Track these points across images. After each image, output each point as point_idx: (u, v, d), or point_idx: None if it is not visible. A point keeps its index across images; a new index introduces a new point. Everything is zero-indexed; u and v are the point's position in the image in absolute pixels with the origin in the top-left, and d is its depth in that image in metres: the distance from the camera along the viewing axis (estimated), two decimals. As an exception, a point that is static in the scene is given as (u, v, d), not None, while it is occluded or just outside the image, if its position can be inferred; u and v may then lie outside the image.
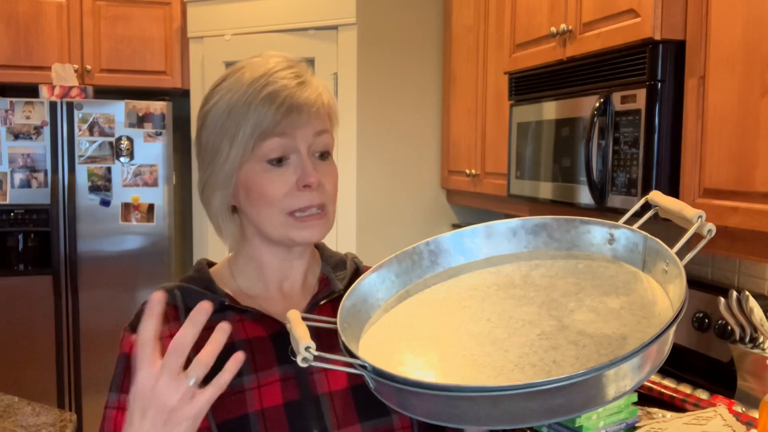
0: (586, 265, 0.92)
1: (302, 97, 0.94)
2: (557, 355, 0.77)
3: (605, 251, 0.93)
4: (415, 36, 3.31)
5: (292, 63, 0.98)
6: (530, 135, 2.22)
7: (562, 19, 1.99)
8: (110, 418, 0.92)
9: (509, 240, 0.99)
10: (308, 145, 0.95)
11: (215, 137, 0.97)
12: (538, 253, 0.97)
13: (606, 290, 0.86)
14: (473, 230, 1.00)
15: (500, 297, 0.90)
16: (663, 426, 1.59)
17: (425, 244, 0.99)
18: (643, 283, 0.87)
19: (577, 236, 0.95)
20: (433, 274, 0.99)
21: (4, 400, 1.95)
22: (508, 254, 0.99)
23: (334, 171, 1.00)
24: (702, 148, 1.56)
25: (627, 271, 0.89)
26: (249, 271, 1.03)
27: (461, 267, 0.99)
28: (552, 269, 0.93)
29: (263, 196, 0.95)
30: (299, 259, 1.03)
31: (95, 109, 3.49)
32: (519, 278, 0.93)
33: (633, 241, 0.90)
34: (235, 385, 0.92)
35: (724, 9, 1.49)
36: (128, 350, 0.94)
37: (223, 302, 0.97)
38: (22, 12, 3.60)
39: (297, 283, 1.03)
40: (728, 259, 1.99)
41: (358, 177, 3.26)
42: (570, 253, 0.95)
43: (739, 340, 1.76)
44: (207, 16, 3.56)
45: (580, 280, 0.89)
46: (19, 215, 3.45)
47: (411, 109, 3.34)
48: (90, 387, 3.54)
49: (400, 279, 0.97)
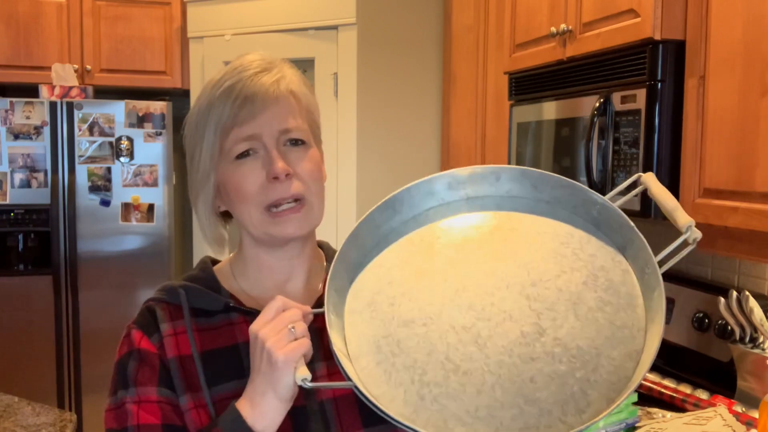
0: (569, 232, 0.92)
1: (257, 85, 0.92)
2: (534, 369, 0.82)
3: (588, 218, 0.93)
4: (415, 36, 3.30)
5: (265, 58, 0.96)
6: (530, 135, 2.22)
7: (562, 19, 1.99)
8: (131, 413, 0.91)
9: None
10: (273, 134, 0.93)
11: (190, 142, 0.98)
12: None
13: (586, 278, 0.87)
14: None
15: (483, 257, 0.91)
16: (663, 426, 1.59)
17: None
18: (627, 285, 0.88)
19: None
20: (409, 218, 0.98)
21: (4, 400, 1.95)
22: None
23: (311, 157, 0.96)
24: (702, 148, 1.56)
25: (608, 254, 0.90)
26: (250, 273, 1.02)
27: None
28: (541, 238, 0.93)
29: (238, 193, 0.94)
30: (298, 257, 1.01)
31: (95, 109, 3.49)
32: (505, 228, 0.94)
33: (619, 222, 0.90)
34: (238, 386, 0.91)
35: (724, 9, 1.49)
36: (138, 345, 0.94)
37: (228, 303, 0.97)
38: (22, 12, 3.60)
39: (299, 284, 1.02)
40: (728, 259, 1.99)
41: (358, 177, 3.26)
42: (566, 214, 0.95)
43: (739, 340, 1.76)
44: (207, 16, 3.56)
45: (560, 260, 0.89)
46: (19, 215, 3.45)
47: (411, 109, 3.34)
48: (90, 387, 3.54)
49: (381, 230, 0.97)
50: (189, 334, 0.94)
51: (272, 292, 1.00)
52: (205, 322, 0.97)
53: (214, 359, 0.94)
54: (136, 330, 0.96)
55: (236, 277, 1.02)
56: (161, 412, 0.91)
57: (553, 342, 0.84)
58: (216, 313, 0.97)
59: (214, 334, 0.96)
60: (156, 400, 0.91)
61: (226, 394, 0.92)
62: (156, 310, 0.97)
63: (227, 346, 0.95)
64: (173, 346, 0.94)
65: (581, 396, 0.81)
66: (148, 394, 0.92)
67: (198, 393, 0.92)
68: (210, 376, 0.93)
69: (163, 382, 0.92)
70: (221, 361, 0.94)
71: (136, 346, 0.94)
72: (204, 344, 0.95)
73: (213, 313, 0.97)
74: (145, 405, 0.91)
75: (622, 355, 0.83)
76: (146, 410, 0.91)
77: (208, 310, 0.97)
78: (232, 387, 0.93)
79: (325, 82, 3.23)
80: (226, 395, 0.92)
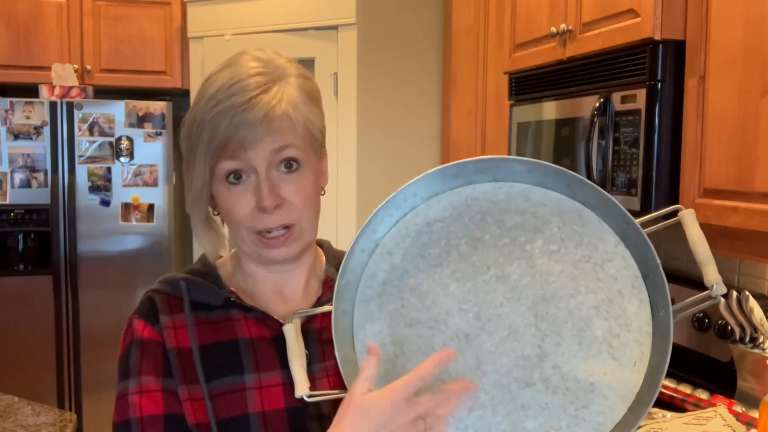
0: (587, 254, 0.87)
1: (250, 115, 0.87)
2: (527, 397, 0.82)
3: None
4: (415, 36, 3.30)
5: (262, 69, 0.91)
6: (530, 135, 2.22)
7: (562, 19, 1.99)
8: (134, 404, 0.90)
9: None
10: (265, 157, 0.89)
11: (186, 149, 0.96)
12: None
13: (600, 303, 0.84)
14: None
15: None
16: (663, 426, 1.59)
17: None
18: (639, 320, 0.85)
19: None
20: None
21: (4, 400, 1.95)
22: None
23: (304, 184, 0.93)
24: (702, 148, 1.56)
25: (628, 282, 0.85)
26: (247, 279, 1.02)
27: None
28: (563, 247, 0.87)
29: (229, 215, 0.94)
30: (295, 269, 1.01)
31: (95, 109, 3.49)
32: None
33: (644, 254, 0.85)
34: (236, 382, 0.92)
35: (724, 9, 1.49)
36: (141, 335, 0.94)
37: (228, 298, 0.97)
38: (22, 12, 3.60)
39: (298, 287, 1.02)
40: (728, 259, 1.99)
41: (358, 177, 3.26)
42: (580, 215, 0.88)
43: (739, 340, 1.76)
44: (207, 16, 3.56)
45: (578, 276, 0.85)
46: (19, 215, 3.45)
47: (411, 109, 3.33)
48: (90, 387, 3.54)
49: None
50: (189, 327, 0.94)
51: (269, 296, 1.01)
52: (204, 316, 0.96)
53: (212, 353, 0.94)
54: (138, 320, 0.96)
55: (236, 274, 1.02)
56: (164, 401, 0.91)
57: (551, 369, 0.83)
58: (216, 307, 0.97)
59: (213, 329, 0.96)
60: (158, 389, 0.91)
61: (221, 389, 0.92)
62: (156, 301, 0.97)
63: (226, 341, 0.95)
64: (172, 338, 0.94)
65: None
66: (150, 383, 0.92)
67: (195, 386, 0.92)
68: (207, 371, 0.93)
69: (165, 371, 0.92)
70: (219, 355, 0.94)
71: (138, 336, 0.94)
72: (203, 338, 0.95)
73: (212, 308, 0.97)
74: (148, 395, 0.91)
75: (615, 396, 0.82)
76: (149, 400, 0.91)
77: (208, 304, 0.97)
78: (228, 382, 0.93)
79: (325, 82, 3.23)
80: (221, 390, 0.92)
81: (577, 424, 0.81)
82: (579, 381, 0.82)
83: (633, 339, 0.83)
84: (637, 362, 0.83)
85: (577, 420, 0.81)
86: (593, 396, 0.81)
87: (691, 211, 0.89)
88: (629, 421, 0.80)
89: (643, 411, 0.79)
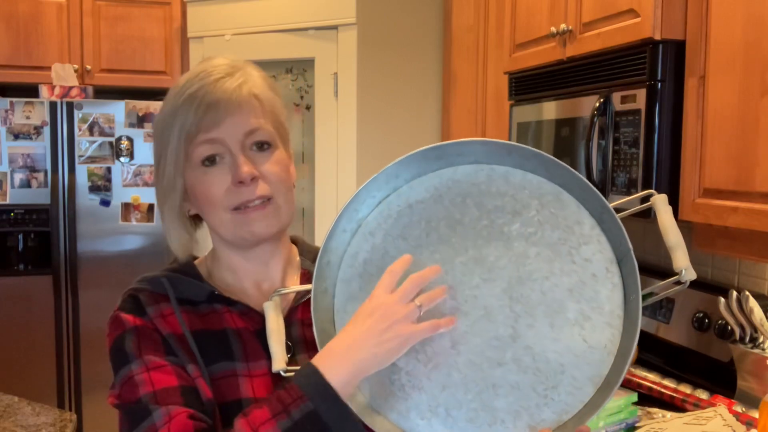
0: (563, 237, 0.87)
1: (220, 91, 0.92)
2: (498, 376, 0.84)
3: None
4: (415, 36, 3.30)
5: (229, 63, 0.97)
6: (530, 135, 2.22)
7: (562, 19, 1.99)
8: (143, 381, 0.88)
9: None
10: (238, 138, 0.93)
11: (156, 146, 0.98)
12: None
13: (574, 285, 0.85)
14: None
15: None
16: (663, 426, 1.59)
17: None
18: (611, 303, 0.86)
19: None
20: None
21: (4, 400, 1.95)
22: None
23: (277, 159, 0.96)
24: (702, 148, 1.56)
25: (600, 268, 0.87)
26: (225, 275, 1.02)
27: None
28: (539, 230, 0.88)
29: (206, 198, 0.95)
30: (272, 259, 1.02)
31: (95, 109, 3.49)
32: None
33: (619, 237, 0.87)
34: (227, 368, 0.92)
35: (724, 9, 1.49)
36: (133, 323, 0.93)
37: (212, 292, 0.97)
38: (22, 12, 3.60)
39: (276, 283, 1.02)
40: (728, 259, 1.99)
41: (358, 177, 3.26)
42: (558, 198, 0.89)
43: (739, 340, 1.76)
44: (207, 16, 3.56)
45: (554, 259, 0.86)
46: (19, 215, 3.45)
47: (411, 109, 3.33)
48: (90, 387, 3.53)
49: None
50: (177, 315, 0.94)
51: (249, 291, 1.01)
52: (190, 309, 0.97)
53: (203, 339, 0.94)
54: (125, 314, 0.94)
55: (214, 273, 1.03)
56: (176, 373, 0.89)
57: (523, 350, 0.84)
58: (200, 302, 0.97)
59: (201, 319, 0.96)
60: (167, 363, 0.90)
61: (217, 374, 0.92)
62: (139, 297, 0.96)
63: (215, 330, 0.95)
64: (164, 325, 0.93)
65: (536, 411, 0.83)
66: (155, 360, 0.90)
67: (196, 366, 0.91)
68: (202, 354, 0.93)
69: (167, 351, 0.91)
70: (210, 342, 0.94)
71: (131, 325, 0.93)
72: (193, 325, 0.95)
73: (197, 303, 0.97)
74: (157, 370, 0.89)
75: (584, 377, 0.83)
76: (160, 374, 0.88)
77: (191, 299, 0.97)
78: (222, 367, 0.93)
79: (325, 82, 3.23)
80: (217, 375, 0.92)
81: (546, 403, 0.83)
82: (549, 362, 0.84)
83: (604, 322, 0.84)
84: (607, 345, 0.84)
85: (546, 400, 0.83)
86: (563, 377, 0.83)
87: (664, 196, 0.90)
88: (596, 403, 0.82)
89: (610, 393, 0.81)
